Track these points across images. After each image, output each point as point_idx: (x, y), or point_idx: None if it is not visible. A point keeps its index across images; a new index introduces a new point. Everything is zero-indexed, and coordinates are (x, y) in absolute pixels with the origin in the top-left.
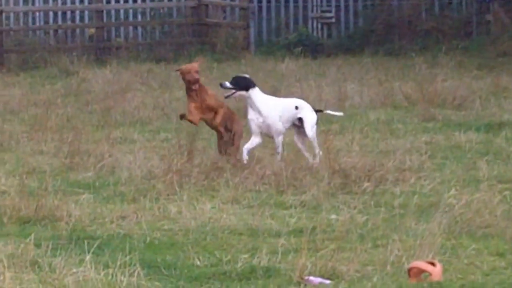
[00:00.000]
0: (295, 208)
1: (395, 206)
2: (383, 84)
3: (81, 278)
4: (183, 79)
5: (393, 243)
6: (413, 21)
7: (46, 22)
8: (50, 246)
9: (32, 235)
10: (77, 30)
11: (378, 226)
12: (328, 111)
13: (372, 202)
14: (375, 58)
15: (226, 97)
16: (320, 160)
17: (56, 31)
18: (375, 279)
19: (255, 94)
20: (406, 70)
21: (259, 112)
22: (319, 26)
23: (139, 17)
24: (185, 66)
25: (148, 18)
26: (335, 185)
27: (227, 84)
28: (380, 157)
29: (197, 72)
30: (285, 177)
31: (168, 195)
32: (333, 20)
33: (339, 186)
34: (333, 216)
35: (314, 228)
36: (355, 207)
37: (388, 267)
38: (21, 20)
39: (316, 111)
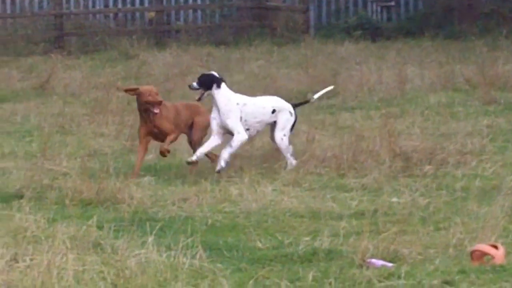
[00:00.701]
0: (356, 191)
1: (456, 189)
2: (443, 67)
3: (143, 260)
4: (141, 100)
5: (455, 226)
6: (473, 4)
7: (106, 5)
8: (112, 228)
9: (94, 217)
10: (137, 14)
11: (440, 209)
12: (316, 95)
13: (434, 185)
14: (435, 41)
15: (198, 99)
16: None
17: (116, 14)
18: (437, 262)
19: (218, 92)
20: (467, 53)
21: (219, 111)
22: (379, 9)
23: (199, 0)
24: (142, 88)
25: (208, 2)
26: (396, 168)
27: (195, 84)
28: (441, 140)
29: (157, 94)
30: (345, 160)
31: (228, 177)
32: (393, 3)
33: (400, 169)
34: (395, 199)
35: (375, 211)
36: (416, 190)
37: (450, 250)
38: (81, 4)
39: (302, 103)
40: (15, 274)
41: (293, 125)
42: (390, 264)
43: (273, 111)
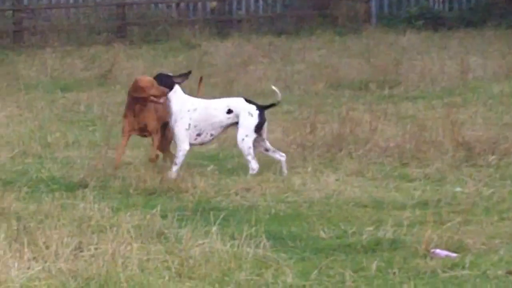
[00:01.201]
0: (420, 180)
1: None
2: (506, 57)
3: (207, 249)
4: (141, 92)
5: None
6: None
7: None
8: (176, 217)
9: (158, 207)
10: (199, 3)
11: (504, 199)
12: (274, 87)
13: (497, 175)
14: (497, 30)
15: (162, 103)
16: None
17: (178, 4)
18: (501, 252)
19: (170, 96)
20: None
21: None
22: None
23: None
24: (144, 79)
25: None
26: (459, 158)
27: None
28: (504, 130)
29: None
30: (408, 149)
31: (291, 167)
32: None
33: (463, 158)
34: (458, 189)
35: (439, 201)
36: (480, 180)
37: None
38: None
39: (268, 106)
40: (80, 263)
41: (259, 127)
42: (454, 254)
43: (229, 111)
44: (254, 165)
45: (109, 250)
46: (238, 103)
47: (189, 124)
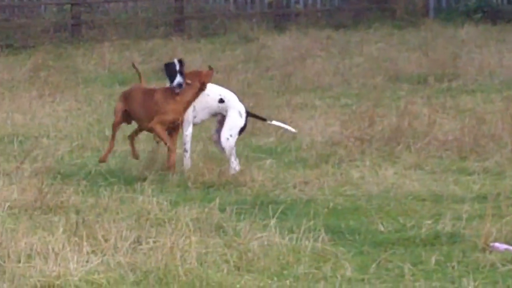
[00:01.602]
0: (478, 174)
1: None
2: None
3: (265, 243)
4: (202, 82)
5: None
6: None
7: None
8: (234, 210)
9: (217, 200)
10: None
11: None
12: (274, 122)
13: None
14: None
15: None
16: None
17: None
18: None
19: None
20: None
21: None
22: None
23: None
24: (203, 71)
25: None
26: None
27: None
28: None
29: None
30: (467, 143)
31: (350, 160)
32: None
33: None
34: None
35: (498, 195)
36: None
37: None
38: None
39: (258, 117)
40: (138, 256)
41: (242, 130)
42: None
43: (221, 101)
44: (236, 166)
45: (167, 243)
46: (231, 97)
47: (194, 106)
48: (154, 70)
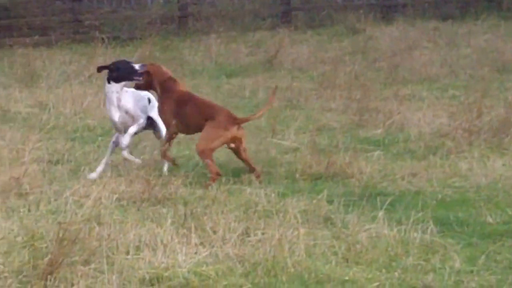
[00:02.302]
0: None
1: None
2: None
3: (374, 235)
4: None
5: None
6: None
7: None
8: (342, 202)
9: (324, 192)
10: None
11: None
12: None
13: None
14: None
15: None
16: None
17: None
18: None
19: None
20: None
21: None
22: None
23: None
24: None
25: None
26: None
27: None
28: None
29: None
30: None
31: (458, 152)
32: None
33: None
34: None
35: None
36: None
37: None
38: None
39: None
40: (246, 247)
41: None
42: None
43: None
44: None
45: (275, 235)
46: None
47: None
48: (262, 62)
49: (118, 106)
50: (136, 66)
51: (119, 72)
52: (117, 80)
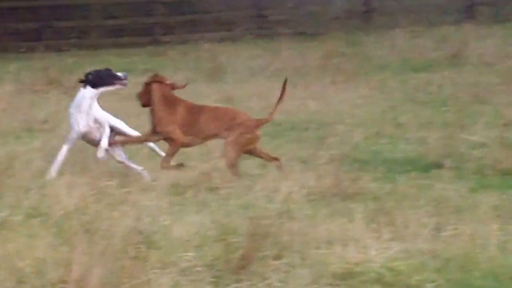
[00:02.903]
0: None
1: None
2: None
3: None
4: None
5: None
6: None
7: None
8: None
9: None
10: None
11: None
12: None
13: None
14: None
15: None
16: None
17: None
18: None
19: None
20: None
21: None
22: None
23: None
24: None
25: None
26: None
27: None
28: None
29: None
30: None
31: None
32: None
33: None
34: None
35: None
36: None
37: None
38: None
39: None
40: (438, 243)
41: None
42: None
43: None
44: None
45: (467, 230)
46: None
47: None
48: (447, 57)
49: (87, 113)
50: (119, 74)
51: (98, 77)
52: (95, 86)
